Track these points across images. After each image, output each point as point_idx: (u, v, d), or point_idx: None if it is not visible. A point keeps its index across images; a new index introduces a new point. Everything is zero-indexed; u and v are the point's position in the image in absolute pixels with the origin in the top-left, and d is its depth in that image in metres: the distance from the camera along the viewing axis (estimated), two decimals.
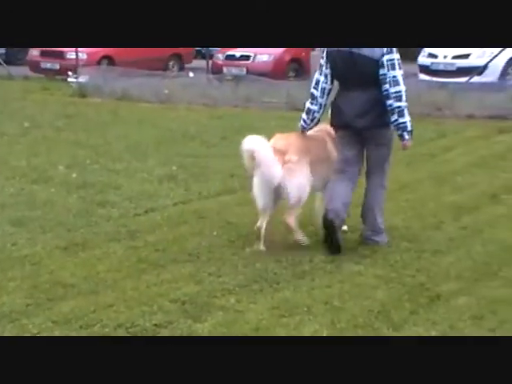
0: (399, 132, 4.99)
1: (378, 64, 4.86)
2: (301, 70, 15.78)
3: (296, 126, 5.29)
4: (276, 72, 15.15)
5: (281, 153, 4.91)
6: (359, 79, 4.94)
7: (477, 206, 6.02)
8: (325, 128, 5.31)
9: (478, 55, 13.04)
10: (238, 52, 16.15)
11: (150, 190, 6.74)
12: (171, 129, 10.08)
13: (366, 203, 5.18)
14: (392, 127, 5.01)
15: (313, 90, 5.13)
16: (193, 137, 9.51)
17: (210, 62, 15.75)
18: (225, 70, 15.56)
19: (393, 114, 4.91)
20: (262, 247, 5.09)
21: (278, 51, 15.90)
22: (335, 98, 5.16)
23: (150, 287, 4.43)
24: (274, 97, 12.40)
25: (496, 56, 12.38)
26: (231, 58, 16.08)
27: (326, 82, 5.09)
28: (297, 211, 5.07)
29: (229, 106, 12.26)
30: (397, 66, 4.89)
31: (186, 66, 18.35)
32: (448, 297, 4.27)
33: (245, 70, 15.41)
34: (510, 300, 4.20)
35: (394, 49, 4.89)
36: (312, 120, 5.18)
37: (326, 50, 5.09)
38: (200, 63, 17.33)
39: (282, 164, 4.89)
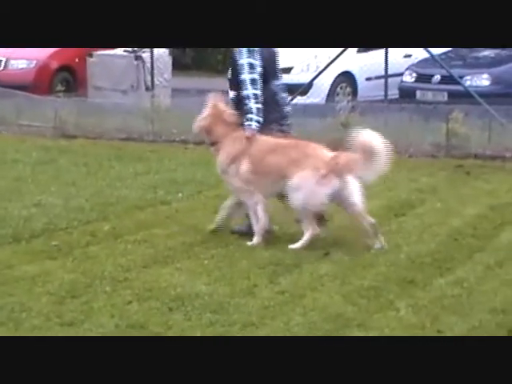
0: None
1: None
2: (73, 82, 14.45)
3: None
4: (39, 84, 13.77)
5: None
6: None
7: (297, 264, 5.56)
8: None
9: (301, 69, 11.91)
10: None
11: None
12: None
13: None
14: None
15: None
16: None
17: None
18: None
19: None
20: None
21: (41, 56, 14.30)
22: None
23: None
24: (37, 119, 11.25)
25: (322, 72, 10.85)
26: None
27: None
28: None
29: None
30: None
31: None
32: None
33: None
34: None
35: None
36: None
37: None
38: None
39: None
